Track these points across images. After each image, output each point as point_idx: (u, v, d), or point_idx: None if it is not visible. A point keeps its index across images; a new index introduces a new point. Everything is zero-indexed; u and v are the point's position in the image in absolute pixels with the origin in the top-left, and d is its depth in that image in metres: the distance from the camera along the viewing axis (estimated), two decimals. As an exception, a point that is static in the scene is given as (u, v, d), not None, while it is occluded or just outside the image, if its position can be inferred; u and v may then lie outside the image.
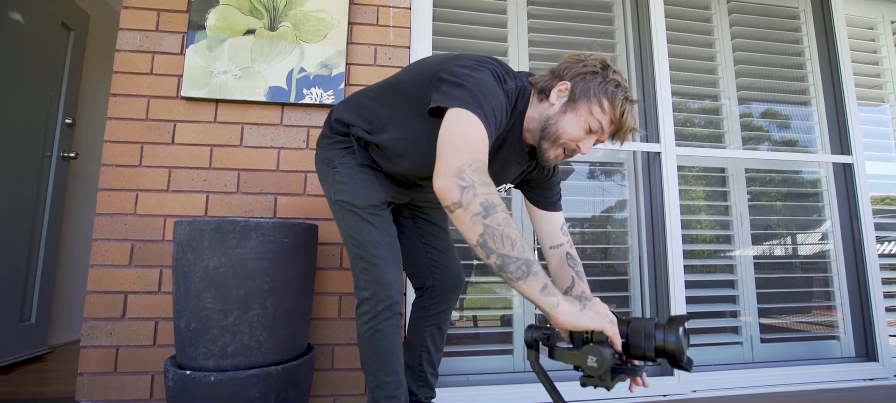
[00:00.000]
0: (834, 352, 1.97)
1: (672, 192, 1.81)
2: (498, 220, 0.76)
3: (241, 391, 1.08)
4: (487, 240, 0.76)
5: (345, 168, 1.09)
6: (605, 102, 0.91)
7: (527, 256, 0.76)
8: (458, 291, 1.27)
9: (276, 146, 1.56)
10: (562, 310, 0.78)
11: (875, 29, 2.28)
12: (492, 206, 0.76)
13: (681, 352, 0.76)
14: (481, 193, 0.76)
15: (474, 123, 0.82)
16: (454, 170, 0.78)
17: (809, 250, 2.07)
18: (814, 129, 2.13)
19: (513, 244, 0.76)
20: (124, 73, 1.52)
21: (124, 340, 1.41)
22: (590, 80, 0.92)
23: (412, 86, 0.99)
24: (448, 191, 0.78)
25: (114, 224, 1.45)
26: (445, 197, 0.78)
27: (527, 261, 0.76)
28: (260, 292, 1.13)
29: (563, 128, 0.93)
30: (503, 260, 0.76)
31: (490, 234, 0.76)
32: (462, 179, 0.77)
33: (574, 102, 0.93)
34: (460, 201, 0.77)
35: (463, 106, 0.83)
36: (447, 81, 0.88)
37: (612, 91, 0.91)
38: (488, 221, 0.76)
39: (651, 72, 1.91)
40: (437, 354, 1.27)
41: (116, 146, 1.49)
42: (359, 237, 1.05)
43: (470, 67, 0.90)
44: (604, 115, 0.92)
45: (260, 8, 1.60)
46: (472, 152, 0.79)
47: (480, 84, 0.86)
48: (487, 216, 0.76)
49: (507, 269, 0.76)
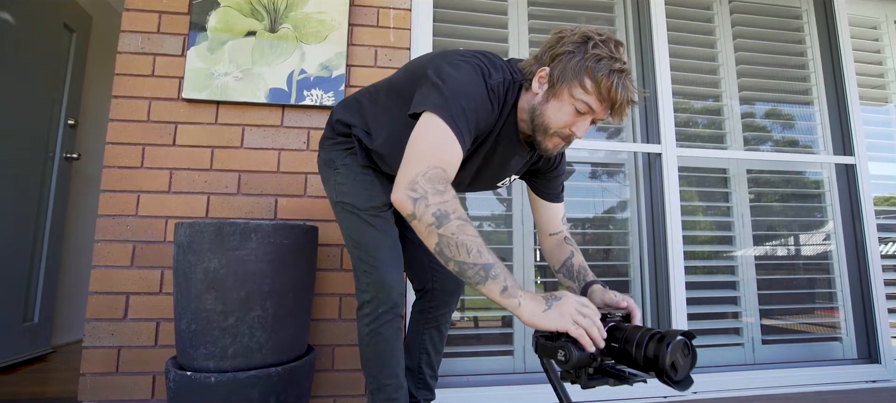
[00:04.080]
0: (836, 354, 1.97)
1: (673, 193, 1.81)
2: (451, 229, 0.76)
3: (242, 392, 1.09)
4: (443, 249, 0.77)
5: (346, 169, 1.09)
6: (586, 81, 0.85)
7: (483, 261, 0.76)
8: (458, 294, 1.27)
9: (277, 147, 1.57)
10: (524, 310, 0.77)
11: (878, 28, 2.26)
12: (444, 215, 0.76)
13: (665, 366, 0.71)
14: (433, 203, 0.76)
15: (437, 128, 0.81)
16: (407, 181, 0.78)
17: (811, 251, 2.06)
18: (816, 130, 2.12)
19: (468, 250, 0.76)
20: (126, 75, 1.52)
21: (126, 341, 1.42)
22: (567, 61, 0.86)
23: (405, 84, 0.99)
24: (401, 203, 0.79)
25: (116, 225, 1.46)
26: (400, 209, 0.79)
27: (484, 266, 0.76)
28: (260, 293, 1.14)
29: (549, 118, 0.89)
30: (460, 266, 0.77)
31: (445, 243, 0.76)
32: (414, 191, 0.77)
33: (554, 88, 0.88)
34: (414, 213, 0.77)
35: (431, 110, 0.82)
36: (428, 82, 0.87)
37: (593, 66, 0.84)
38: (442, 231, 0.76)
39: (652, 73, 1.91)
40: (437, 356, 1.27)
41: (118, 148, 1.49)
42: (360, 239, 1.05)
43: (452, 64, 0.87)
44: (588, 95, 0.85)
45: (260, 10, 1.60)
46: (428, 160, 0.79)
47: (455, 82, 0.84)
48: (440, 225, 0.76)
49: (466, 275, 0.77)
